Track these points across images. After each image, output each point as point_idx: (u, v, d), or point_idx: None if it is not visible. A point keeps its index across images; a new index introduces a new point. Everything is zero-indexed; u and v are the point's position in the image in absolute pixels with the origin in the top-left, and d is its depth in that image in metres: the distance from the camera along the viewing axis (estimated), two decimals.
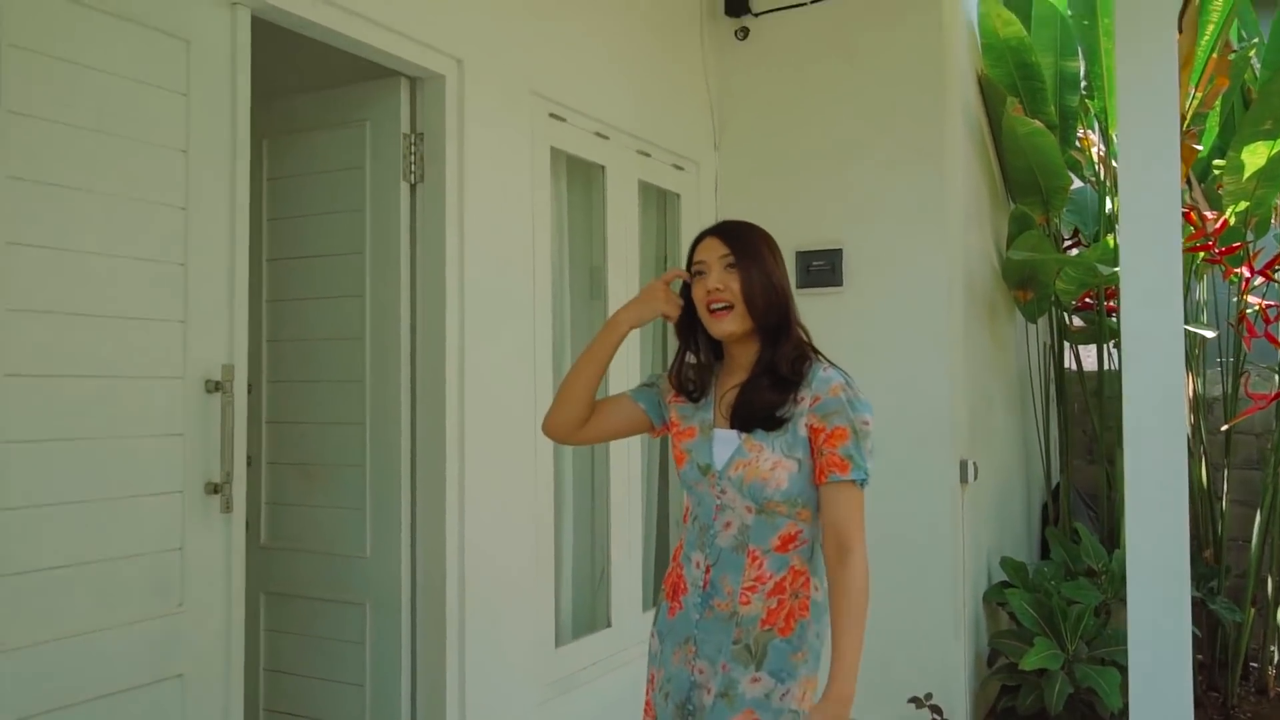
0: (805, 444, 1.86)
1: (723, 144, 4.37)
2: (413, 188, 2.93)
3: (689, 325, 2.04)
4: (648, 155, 3.89)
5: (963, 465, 4.00)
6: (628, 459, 3.73)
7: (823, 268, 4.14)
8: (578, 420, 2.06)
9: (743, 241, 1.96)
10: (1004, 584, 4.35)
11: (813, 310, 4.12)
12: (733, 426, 1.92)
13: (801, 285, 4.17)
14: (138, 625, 2.15)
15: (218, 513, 2.32)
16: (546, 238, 3.32)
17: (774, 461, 1.85)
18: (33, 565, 1.96)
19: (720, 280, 1.92)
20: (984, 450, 4.34)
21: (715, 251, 1.95)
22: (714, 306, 1.93)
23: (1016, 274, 4.65)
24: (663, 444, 4.13)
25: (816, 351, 1.97)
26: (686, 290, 2.03)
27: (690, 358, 2.07)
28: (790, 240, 4.18)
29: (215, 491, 2.30)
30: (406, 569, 2.90)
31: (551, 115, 3.34)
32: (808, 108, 4.22)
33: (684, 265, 2.05)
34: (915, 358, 3.98)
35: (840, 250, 4.11)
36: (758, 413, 1.89)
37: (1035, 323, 5.13)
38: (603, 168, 3.64)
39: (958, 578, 3.96)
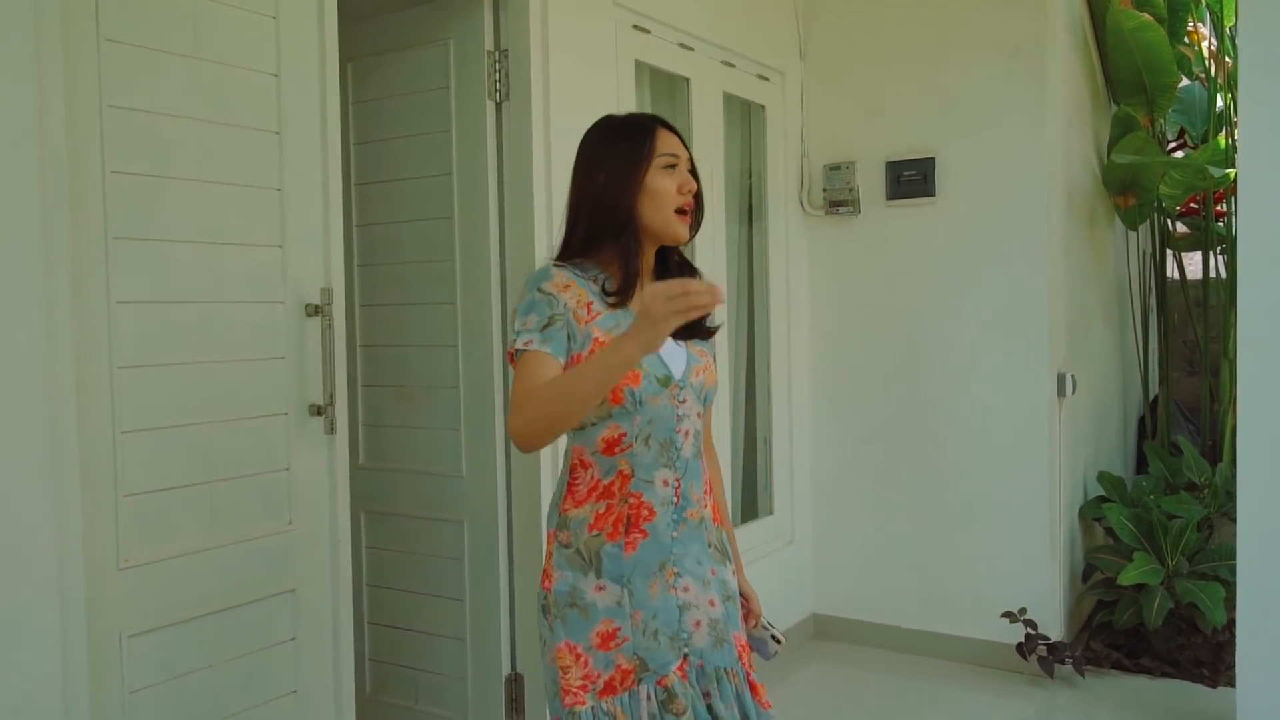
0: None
1: (808, 52, 4.23)
2: (498, 106, 2.90)
3: (629, 223, 1.80)
4: (732, 66, 3.79)
5: (1060, 378, 3.90)
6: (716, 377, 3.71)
7: (914, 178, 4.02)
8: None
9: (690, 150, 1.89)
10: (1101, 499, 4.26)
11: (904, 222, 4.07)
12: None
13: (891, 197, 4.07)
14: (251, 542, 2.22)
15: (321, 434, 2.37)
16: None
17: (713, 364, 1.92)
18: (151, 486, 2.04)
19: (690, 183, 1.83)
20: (1082, 363, 4.22)
21: (684, 152, 1.85)
22: (685, 210, 1.82)
23: (1118, 179, 4.45)
24: (750, 357, 4.11)
25: None
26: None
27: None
28: (879, 151, 4.08)
29: (318, 413, 2.35)
30: (502, 487, 2.95)
31: (635, 27, 3.26)
32: (897, 9, 4.05)
33: (627, 149, 1.81)
34: (1012, 269, 3.86)
35: (933, 159, 3.97)
36: (700, 325, 1.88)
37: (1136, 230, 4.92)
38: (687, 80, 3.55)
39: (1054, 493, 3.89)
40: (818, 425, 4.32)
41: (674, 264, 1.91)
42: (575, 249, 1.83)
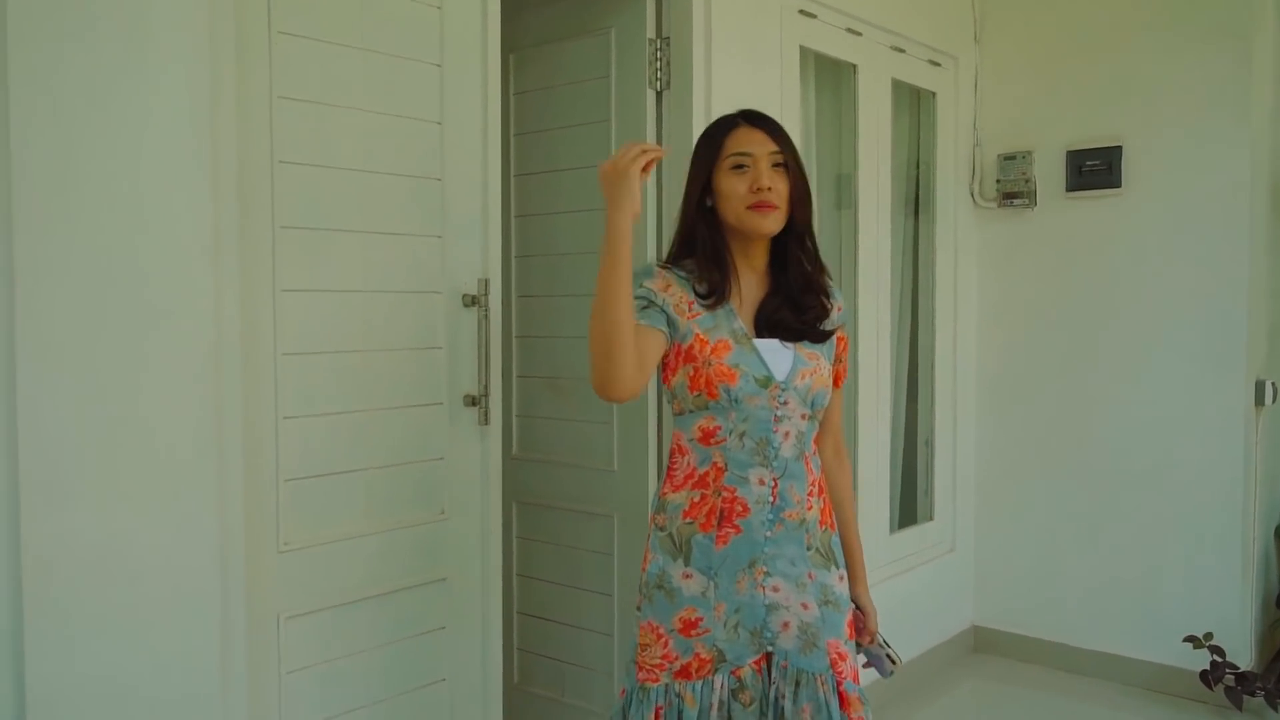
0: (834, 350, 1.94)
1: (983, 35, 4.01)
2: (658, 95, 2.84)
3: (705, 218, 1.88)
4: (902, 51, 3.62)
5: (1259, 386, 3.58)
6: (876, 375, 3.57)
7: (1097, 168, 3.75)
8: (636, 368, 1.72)
9: (787, 141, 1.87)
10: None
11: (1085, 215, 3.82)
12: (768, 336, 1.85)
13: (1071, 188, 3.82)
14: (406, 530, 2.24)
15: (475, 425, 2.37)
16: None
17: (828, 369, 1.90)
18: (310, 471, 2.07)
19: (769, 179, 1.82)
20: None
21: (763, 146, 1.84)
22: (760, 205, 1.83)
23: None
24: (913, 354, 3.94)
25: None
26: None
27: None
28: (1059, 139, 3.85)
29: (473, 404, 2.35)
30: (653, 482, 2.90)
31: (801, 12, 3.14)
32: None
33: (701, 152, 1.89)
34: (1207, 267, 3.56)
35: (1119, 148, 3.70)
36: (812, 326, 1.88)
37: None
38: (854, 66, 3.41)
39: (1248, 509, 3.58)
40: (982, 428, 4.11)
41: (794, 257, 1.91)
42: (680, 251, 1.92)
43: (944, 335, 3.96)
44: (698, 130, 2.77)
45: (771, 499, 1.83)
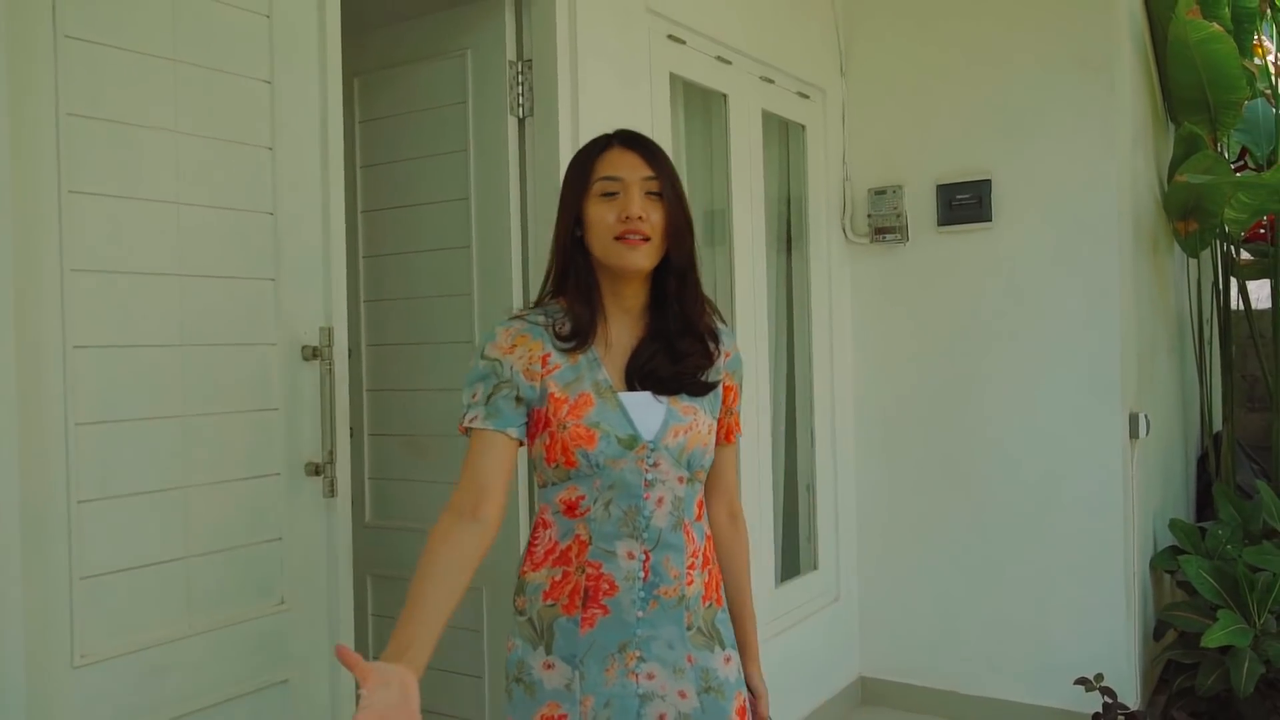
0: (720, 403, 1.73)
1: (849, 68, 3.94)
2: (521, 122, 2.60)
3: (579, 251, 1.65)
4: (771, 82, 3.49)
5: (1133, 419, 3.56)
6: (756, 420, 3.39)
7: (967, 201, 3.70)
8: (479, 544, 1.54)
9: (664, 166, 1.65)
10: (1174, 549, 3.91)
11: (957, 250, 3.75)
12: (640, 388, 1.63)
13: (944, 223, 3.76)
14: (237, 627, 1.90)
15: (320, 496, 2.05)
16: None
17: (709, 425, 1.68)
18: (112, 565, 1.72)
19: (641, 208, 1.59)
20: (1150, 401, 3.89)
21: (636, 171, 1.62)
22: (630, 237, 1.59)
23: (1181, 202, 4.13)
24: (790, 397, 3.78)
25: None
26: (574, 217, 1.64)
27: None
28: (928, 172, 3.78)
29: (317, 473, 2.03)
30: (525, 550, 2.62)
31: (670, 37, 2.96)
32: (946, 21, 3.76)
33: (571, 176, 1.66)
34: (1079, 301, 3.54)
35: (989, 181, 3.66)
36: (688, 378, 1.65)
37: (1196, 257, 4.60)
38: (725, 96, 3.26)
39: (1129, 545, 3.54)
40: (863, 470, 3.99)
41: (672, 297, 1.67)
42: (552, 289, 1.70)
43: (821, 376, 3.82)
44: (564, 160, 2.54)
45: (643, 575, 1.60)
